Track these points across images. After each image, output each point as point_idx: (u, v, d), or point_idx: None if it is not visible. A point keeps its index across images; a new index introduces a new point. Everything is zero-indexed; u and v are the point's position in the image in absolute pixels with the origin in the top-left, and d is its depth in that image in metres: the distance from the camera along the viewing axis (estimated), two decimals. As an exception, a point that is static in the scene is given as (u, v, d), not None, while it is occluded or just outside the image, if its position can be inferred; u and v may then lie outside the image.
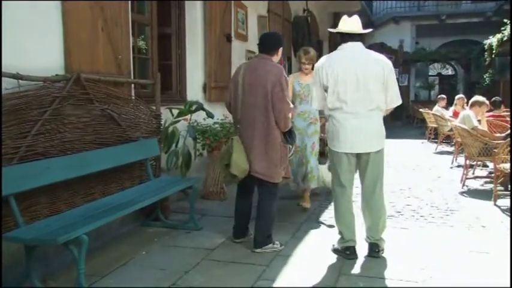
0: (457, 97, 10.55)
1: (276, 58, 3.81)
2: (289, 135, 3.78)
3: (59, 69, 3.57)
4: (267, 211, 3.72)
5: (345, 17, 3.63)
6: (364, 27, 3.63)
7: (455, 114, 9.36)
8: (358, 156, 3.56)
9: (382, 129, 3.56)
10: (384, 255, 3.60)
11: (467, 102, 10.82)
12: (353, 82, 3.42)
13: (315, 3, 11.55)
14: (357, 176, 3.73)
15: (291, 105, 3.76)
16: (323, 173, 5.16)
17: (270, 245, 3.71)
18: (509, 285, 2.98)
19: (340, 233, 3.63)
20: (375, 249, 3.60)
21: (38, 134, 3.27)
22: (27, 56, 3.29)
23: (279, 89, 3.56)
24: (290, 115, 3.71)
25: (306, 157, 4.95)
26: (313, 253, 3.71)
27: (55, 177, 3.28)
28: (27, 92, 3.20)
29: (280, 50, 3.84)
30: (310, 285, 3.11)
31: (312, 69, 4.78)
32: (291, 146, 3.93)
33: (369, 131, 3.48)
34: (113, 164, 3.91)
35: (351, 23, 3.57)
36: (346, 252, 3.56)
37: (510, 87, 9.60)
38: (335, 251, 3.67)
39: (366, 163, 3.56)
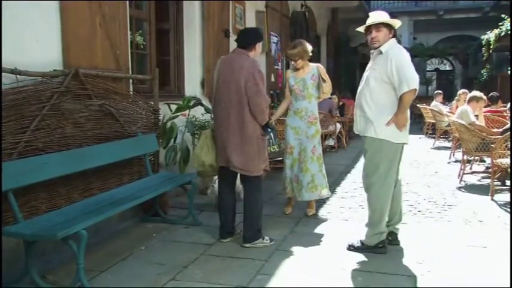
0: (459, 92, 10.57)
1: (254, 53, 3.72)
2: (265, 128, 3.73)
3: (57, 65, 3.56)
4: (253, 205, 3.71)
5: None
6: (362, 23, 3.66)
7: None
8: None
9: None
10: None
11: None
12: None
13: (313, -2, 11.54)
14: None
15: (268, 99, 3.68)
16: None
17: (260, 240, 3.71)
18: (509, 285, 2.99)
19: (379, 226, 3.53)
20: (397, 237, 3.74)
21: (36, 129, 3.27)
22: (25, 51, 3.29)
23: (252, 82, 3.52)
24: (267, 109, 3.66)
25: (305, 163, 4.44)
26: (312, 248, 3.72)
27: (53, 172, 3.28)
28: (25, 87, 3.20)
29: (259, 45, 3.75)
30: (308, 284, 3.12)
31: (310, 59, 4.56)
32: (268, 138, 3.83)
33: None
34: (111, 160, 3.90)
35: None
36: (379, 246, 3.54)
37: (510, 83, 9.61)
38: (361, 248, 3.57)
39: (402, 153, 3.64)
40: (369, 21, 3.52)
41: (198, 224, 4.27)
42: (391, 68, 3.35)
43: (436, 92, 11.85)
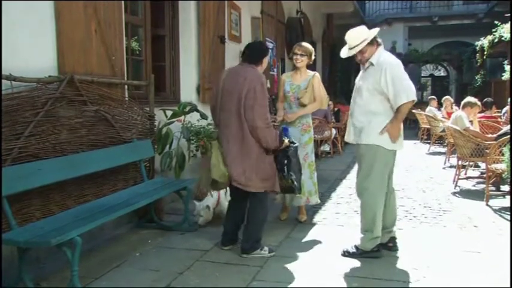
0: (443, 99, 10.74)
1: (261, 68, 3.70)
2: (280, 155, 3.67)
3: (52, 71, 3.56)
4: (255, 218, 3.68)
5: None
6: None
7: (449, 115, 9.44)
8: None
9: None
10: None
11: (454, 102, 11.02)
12: None
13: (308, 4, 11.59)
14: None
15: (267, 119, 3.48)
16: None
17: (258, 251, 3.67)
18: (509, 285, 3.01)
19: (374, 231, 3.54)
20: (396, 242, 3.75)
21: (31, 135, 3.25)
22: (20, 57, 3.28)
23: (251, 95, 3.44)
24: (268, 128, 3.48)
25: None
26: (307, 254, 3.71)
27: (47, 179, 3.27)
28: (20, 93, 3.19)
29: (265, 59, 3.73)
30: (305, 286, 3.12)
31: (307, 66, 4.53)
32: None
33: None
34: (106, 166, 3.89)
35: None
36: (374, 249, 3.57)
37: (510, 87, 9.68)
38: (357, 254, 3.58)
39: (394, 160, 3.67)
40: (347, 53, 3.56)
41: (193, 230, 4.26)
42: (385, 80, 3.38)
43: (430, 97, 11.94)
